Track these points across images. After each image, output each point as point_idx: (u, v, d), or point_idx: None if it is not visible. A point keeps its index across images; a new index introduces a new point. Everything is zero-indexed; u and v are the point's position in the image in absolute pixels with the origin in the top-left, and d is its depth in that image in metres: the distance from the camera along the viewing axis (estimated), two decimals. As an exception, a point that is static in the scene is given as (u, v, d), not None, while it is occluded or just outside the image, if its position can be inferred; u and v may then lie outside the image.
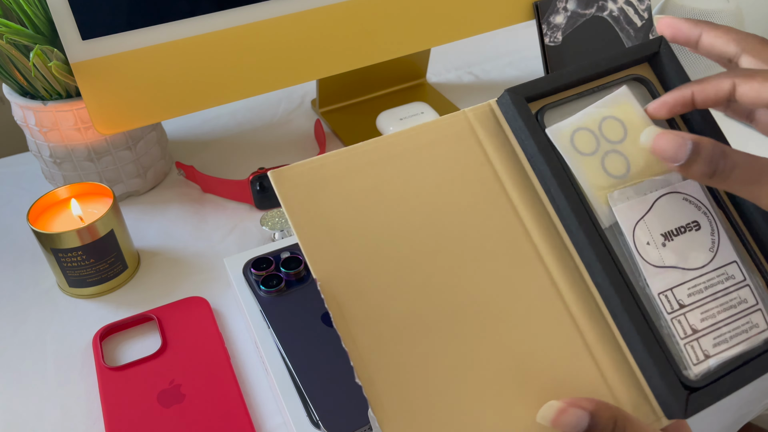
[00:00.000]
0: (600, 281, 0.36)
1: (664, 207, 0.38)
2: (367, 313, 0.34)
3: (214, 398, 0.47)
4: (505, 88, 0.39)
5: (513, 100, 0.38)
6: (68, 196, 0.58)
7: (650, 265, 0.36)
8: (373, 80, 0.81)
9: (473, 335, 0.35)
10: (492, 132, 0.39)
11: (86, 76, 0.55)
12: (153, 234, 0.64)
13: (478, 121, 0.39)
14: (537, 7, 0.72)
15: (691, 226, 0.38)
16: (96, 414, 0.47)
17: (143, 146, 0.66)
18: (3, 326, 0.55)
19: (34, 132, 0.62)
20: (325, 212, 0.35)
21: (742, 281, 0.37)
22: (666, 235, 0.37)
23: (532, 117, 0.38)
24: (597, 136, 0.37)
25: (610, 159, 0.37)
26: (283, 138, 0.77)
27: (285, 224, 0.60)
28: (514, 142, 0.39)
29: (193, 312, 0.54)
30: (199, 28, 0.58)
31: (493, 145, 0.39)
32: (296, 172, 0.36)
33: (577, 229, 0.36)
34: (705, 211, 0.38)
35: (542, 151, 0.37)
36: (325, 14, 0.62)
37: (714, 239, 0.38)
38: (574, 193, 0.37)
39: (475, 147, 0.38)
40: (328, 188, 0.36)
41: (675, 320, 0.36)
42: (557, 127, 0.37)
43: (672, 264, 0.37)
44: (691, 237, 0.37)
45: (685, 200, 0.38)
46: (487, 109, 0.39)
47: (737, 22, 0.77)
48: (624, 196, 0.37)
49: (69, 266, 0.54)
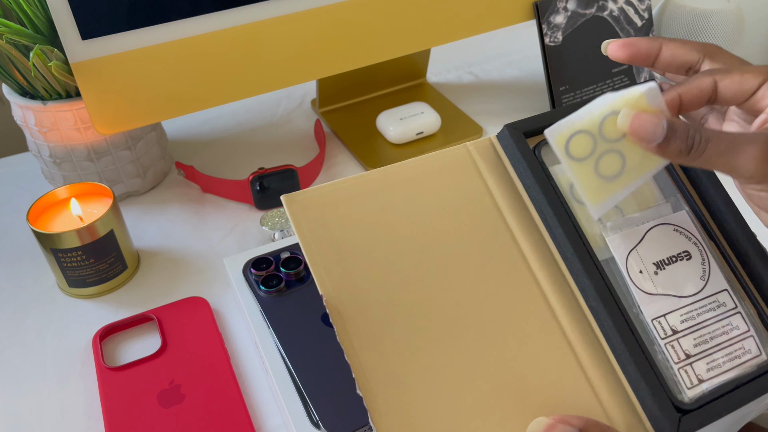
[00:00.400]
0: (594, 306, 0.37)
1: (656, 237, 0.39)
2: (370, 328, 0.35)
3: (214, 398, 0.47)
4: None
5: (512, 135, 0.40)
6: (68, 196, 0.58)
7: (643, 292, 0.38)
8: (373, 80, 0.81)
9: (472, 353, 0.36)
10: (492, 164, 0.41)
11: (86, 76, 0.55)
12: (153, 234, 0.64)
13: (479, 153, 0.41)
14: (537, 7, 0.72)
15: (682, 255, 0.39)
16: (96, 414, 0.47)
17: (143, 146, 0.66)
18: (3, 326, 0.55)
19: (34, 132, 0.62)
20: (334, 233, 0.37)
21: (734, 308, 0.39)
22: (658, 264, 0.39)
23: (530, 151, 0.40)
24: (595, 137, 0.37)
25: (605, 160, 0.38)
26: (283, 138, 0.77)
27: (285, 224, 0.60)
28: (513, 174, 0.41)
29: (193, 312, 0.54)
30: (199, 28, 0.58)
31: (493, 176, 0.41)
32: (308, 195, 0.38)
33: (572, 255, 0.38)
34: (695, 241, 0.40)
35: (539, 183, 0.39)
36: (325, 14, 0.62)
37: (705, 268, 0.39)
38: (570, 223, 0.38)
39: (476, 177, 0.41)
40: (337, 211, 0.38)
41: (669, 345, 0.37)
42: (557, 128, 0.37)
43: (664, 292, 0.38)
44: (682, 266, 0.39)
45: (676, 231, 0.40)
46: (487, 143, 0.42)
47: (737, 22, 0.77)
48: (617, 226, 0.39)
49: (69, 266, 0.54)
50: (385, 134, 0.74)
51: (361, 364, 0.34)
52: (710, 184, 0.41)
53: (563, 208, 0.39)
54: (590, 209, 0.37)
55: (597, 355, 0.37)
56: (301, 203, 0.37)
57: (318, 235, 0.37)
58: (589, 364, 0.37)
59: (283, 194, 0.37)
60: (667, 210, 0.40)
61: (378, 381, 0.34)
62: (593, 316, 0.37)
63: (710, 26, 0.76)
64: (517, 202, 0.40)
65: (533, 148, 0.40)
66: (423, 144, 0.74)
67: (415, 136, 0.74)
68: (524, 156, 0.40)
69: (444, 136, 0.75)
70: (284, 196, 0.37)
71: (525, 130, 0.41)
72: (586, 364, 0.37)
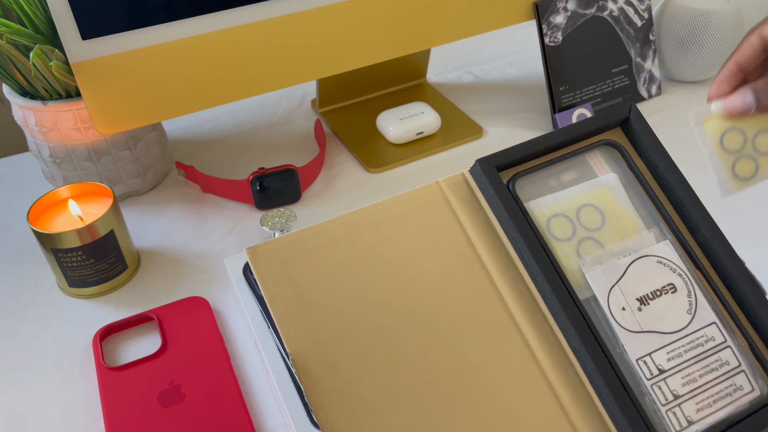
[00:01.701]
0: (576, 347, 0.36)
1: (638, 271, 0.38)
2: (339, 386, 0.34)
3: (214, 398, 0.47)
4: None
5: (484, 171, 0.39)
6: (68, 196, 0.58)
7: (626, 330, 0.36)
8: (373, 80, 0.81)
9: (449, 405, 0.35)
10: (465, 200, 0.40)
11: (86, 76, 0.55)
12: (153, 234, 0.64)
13: (451, 190, 0.40)
14: (537, 7, 0.72)
15: (667, 289, 0.38)
16: (96, 414, 0.47)
17: (143, 146, 0.66)
18: (3, 326, 0.55)
19: (34, 132, 0.62)
20: (300, 286, 0.36)
21: (723, 342, 0.37)
22: (641, 299, 0.37)
23: (503, 186, 0.39)
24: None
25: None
26: (283, 138, 0.77)
27: (285, 224, 0.60)
28: (488, 208, 0.39)
29: (193, 312, 0.54)
30: (199, 28, 0.58)
31: (467, 212, 0.39)
32: (272, 247, 0.36)
33: (550, 294, 0.36)
34: (680, 273, 0.38)
35: (514, 219, 0.38)
36: (325, 14, 0.62)
37: (691, 301, 0.37)
38: (547, 260, 0.37)
39: (448, 216, 0.39)
40: (302, 262, 0.36)
41: (655, 386, 0.35)
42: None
43: (649, 328, 0.36)
44: (667, 300, 0.37)
45: (660, 263, 0.38)
46: (460, 178, 0.40)
47: (737, 22, 0.77)
48: (596, 261, 0.38)
49: (69, 266, 0.54)
50: (385, 134, 0.74)
51: (332, 425, 0.33)
52: (694, 210, 0.40)
53: (540, 245, 0.37)
54: (575, 286, 0.37)
55: (581, 399, 0.35)
56: (264, 256, 0.36)
57: (283, 290, 0.35)
58: (573, 409, 0.35)
59: (246, 247, 0.36)
60: (650, 241, 0.39)
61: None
62: (576, 358, 0.36)
63: (710, 26, 0.76)
64: (492, 239, 0.39)
65: (507, 182, 0.39)
66: (423, 144, 0.74)
67: (415, 136, 0.74)
68: (497, 191, 0.38)
69: (444, 136, 0.75)
70: (247, 249, 0.36)
71: (497, 165, 0.39)
72: (570, 410, 0.35)
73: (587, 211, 0.39)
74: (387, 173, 0.71)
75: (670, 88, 0.82)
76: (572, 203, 0.39)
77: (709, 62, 0.79)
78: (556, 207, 0.39)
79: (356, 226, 0.38)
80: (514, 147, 0.40)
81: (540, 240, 0.37)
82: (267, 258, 0.36)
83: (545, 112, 0.78)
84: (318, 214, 0.65)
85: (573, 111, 0.74)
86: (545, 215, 0.39)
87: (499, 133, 0.76)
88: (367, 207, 0.39)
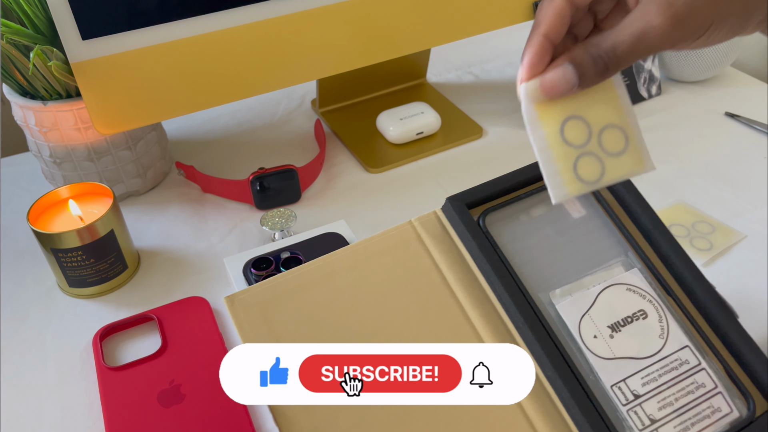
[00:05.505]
0: (550, 375, 0.36)
1: (608, 299, 0.38)
2: (315, 424, 0.35)
3: (214, 398, 0.47)
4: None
5: (455, 208, 0.40)
6: (68, 196, 0.58)
7: (599, 358, 0.36)
8: (373, 80, 0.81)
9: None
10: (438, 237, 0.40)
11: (86, 76, 0.55)
12: (153, 234, 0.64)
13: (423, 228, 0.41)
14: (537, 7, 0.72)
15: (638, 315, 0.38)
16: (96, 414, 0.47)
17: (143, 146, 0.66)
18: (3, 326, 0.55)
19: (34, 132, 0.62)
20: (276, 330, 0.36)
21: (698, 365, 0.37)
22: (613, 326, 0.37)
23: (474, 223, 0.39)
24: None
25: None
26: (283, 138, 0.77)
27: (285, 224, 0.60)
28: (461, 245, 0.40)
29: (193, 312, 0.54)
30: (199, 28, 0.58)
31: (440, 250, 0.40)
32: (249, 294, 0.37)
33: (523, 325, 0.37)
34: (650, 299, 0.38)
35: (485, 254, 0.38)
36: (325, 14, 0.62)
37: (663, 326, 0.38)
38: (519, 292, 0.38)
39: (422, 254, 0.40)
40: (280, 307, 0.37)
41: (631, 411, 0.35)
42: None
43: (622, 355, 0.37)
44: (639, 326, 0.37)
45: (629, 290, 0.38)
46: (432, 216, 0.41)
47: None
48: (566, 293, 0.38)
49: (69, 266, 0.54)
50: (385, 134, 0.74)
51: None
52: (662, 238, 0.40)
53: (511, 277, 0.38)
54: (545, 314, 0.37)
55: (558, 428, 0.36)
56: (242, 303, 0.37)
57: (259, 334, 0.36)
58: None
59: (225, 296, 0.37)
60: (619, 270, 0.39)
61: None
62: (551, 386, 0.36)
63: (710, 26, 0.76)
64: (466, 274, 0.39)
65: (478, 218, 0.40)
66: (423, 144, 0.74)
67: (415, 136, 0.74)
68: (468, 228, 0.39)
69: (444, 136, 0.75)
70: (226, 298, 0.37)
71: (468, 201, 0.40)
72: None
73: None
74: (387, 173, 0.71)
75: (670, 88, 0.82)
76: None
77: (709, 62, 0.79)
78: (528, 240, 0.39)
79: (333, 268, 0.39)
80: (483, 184, 0.41)
81: (512, 273, 0.38)
82: (245, 305, 0.37)
83: (545, 112, 0.78)
84: (318, 214, 0.65)
85: (573, 111, 0.74)
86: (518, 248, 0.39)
87: (499, 133, 0.76)
88: (343, 249, 0.40)
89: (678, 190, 0.66)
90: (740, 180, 0.67)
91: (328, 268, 0.39)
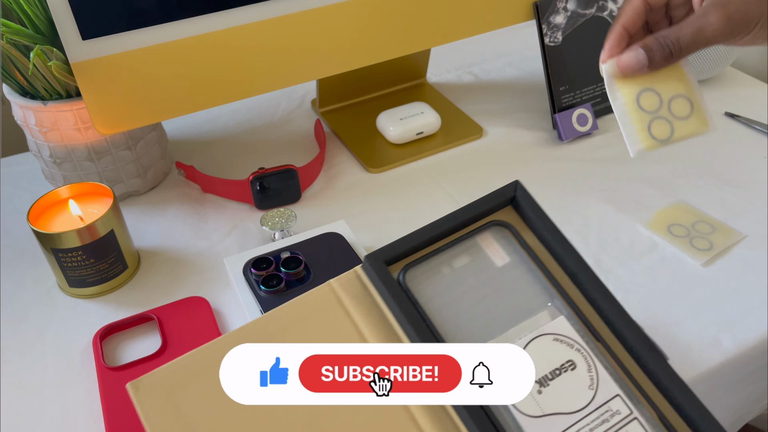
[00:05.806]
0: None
1: (535, 352, 0.36)
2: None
3: (214, 398, 0.47)
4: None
5: (373, 266, 0.38)
6: (68, 196, 0.58)
7: (527, 416, 0.35)
8: (373, 80, 0.81)
9: None
10: (359, 298, 0.39)
11: (86, 76, 0.55)
12: (153, 234, 0.64)
13: (343, 289, 0.39)
14: (537, 7, 0.72)
15: (566, 366, 0.36)
16: (96, 414, 0.47)
17: (143, 146, 0.66)
18: (3, 326, 0.55)
19: (34, 132, 0.62)
20: (185, 415, 0.34)
21: (629, 415, 0.36)
22: (541, 381, 0.36)
23: (393, 280, 0.38)
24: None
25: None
26: (283, 138, 0.77)
27: (285, 224, 0.60)
28: (382, 303, 0.38)
29: (193, 312, 0.54)
30: (200, 28, 0.58)
31: (360, 311, 0.38)
32: (155, 378, 0.35)
33: None
34: (579, 347, 0.37)
35: (405, 313, 0.37)
36: (325, 14, 0.62)
37: (592, 375, 0.36)
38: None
39: (342, 317, 0.38)
40: (188, 390, 0.35)
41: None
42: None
43: (551, 411, 0.35)
44: (567, 378, 0.36)
45: (556, 340, 0.37)
46: (352, 276, 0.39)
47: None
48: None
49: (69, 266, 0.54)
50: (385, 134, 0.74)
51: None
52: (586, 279, 0.38)
53: (432, 335, 0.37)
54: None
55: None
56: (147, 389, 0.35)
57: (169, 424, 0.34)
58: None
59: (128, 383, 0.34)
60: (545, 319, 0.38)
61: None
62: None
63: (710, 26, 0.76)
64: (388, 335, 0.38)
65: (398, 275, 0.39)
66: (423, 144, 0.74)
67: (415, 136, 0.74)
68: (387, 286, 0.38)
69: (444, 136, 0.75)
70: (129, 384, 0.35)
71: (387, 258, 0.39)
72: None
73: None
74: (387, 173, 0.71)
75: (670, 88, 0.82)
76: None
77: (709, 62, 0.79)
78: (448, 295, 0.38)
79: (245, 342, 0.36)
80: (402, 238, 0.39)
81: (434, 332, 0.37)
82: (150, 391, 0.35)
83: (545, 112, 0.78)
84: (318, 214, 0.65)
85: (573, 111, 0.74)
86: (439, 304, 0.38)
87: (499, 133, 0.76)
88: (259, 318, 0.38)
89: (678, 190, 0.66)
90: (740, 180, 0.67)
91: (241, 342, 0.36)
